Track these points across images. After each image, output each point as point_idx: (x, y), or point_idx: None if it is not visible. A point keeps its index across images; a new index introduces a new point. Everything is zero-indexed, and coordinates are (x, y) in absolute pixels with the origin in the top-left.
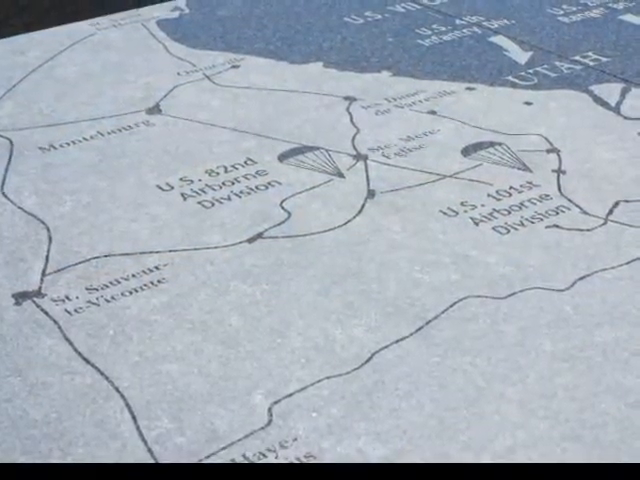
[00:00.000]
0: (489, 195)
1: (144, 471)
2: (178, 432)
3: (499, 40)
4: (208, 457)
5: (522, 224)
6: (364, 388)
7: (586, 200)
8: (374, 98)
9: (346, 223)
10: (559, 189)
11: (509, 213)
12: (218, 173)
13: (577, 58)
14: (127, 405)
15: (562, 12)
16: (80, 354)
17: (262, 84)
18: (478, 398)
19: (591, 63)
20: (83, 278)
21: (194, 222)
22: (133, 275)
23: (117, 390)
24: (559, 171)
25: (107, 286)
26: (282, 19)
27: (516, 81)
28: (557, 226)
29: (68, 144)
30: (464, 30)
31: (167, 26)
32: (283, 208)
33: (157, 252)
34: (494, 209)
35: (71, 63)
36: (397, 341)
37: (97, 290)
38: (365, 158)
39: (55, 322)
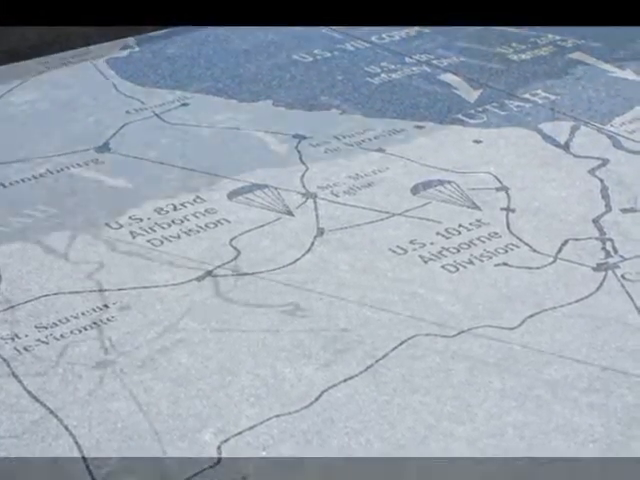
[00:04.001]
0: (438, 233)
1: None
2: (127, 470)
3: (448, 78)
4: None
5: (471, 262)
6: (313, 426)
7: (535, 238)
8: (323, 136)
9: (295, 261)
10: (508, 227)
11: (458, 251)
12: (167, 211)
13: (527, 96)
14: (76, 443)
15: (512, 50)
16: (29, 392)
17: (211, 122)
18: (427, 436)
19: (540, 101)
20: (33, 316)
21: (143, 260)
22: (83, 313)
23: (66, 428)
24: (508, 209)
25: (57, 324)
26: (231, 57)
27: (465, 119)
28: (506, 264)
29: (18, 182)
30: (413, 68)
31: (116, 64)
32: (232, 246)
33: (106, 290)
34: (443, 247)
35: (21, 101)
36: (346, 380)
37: (46, 328)
38: (314, 196)
39: (4, 360)
